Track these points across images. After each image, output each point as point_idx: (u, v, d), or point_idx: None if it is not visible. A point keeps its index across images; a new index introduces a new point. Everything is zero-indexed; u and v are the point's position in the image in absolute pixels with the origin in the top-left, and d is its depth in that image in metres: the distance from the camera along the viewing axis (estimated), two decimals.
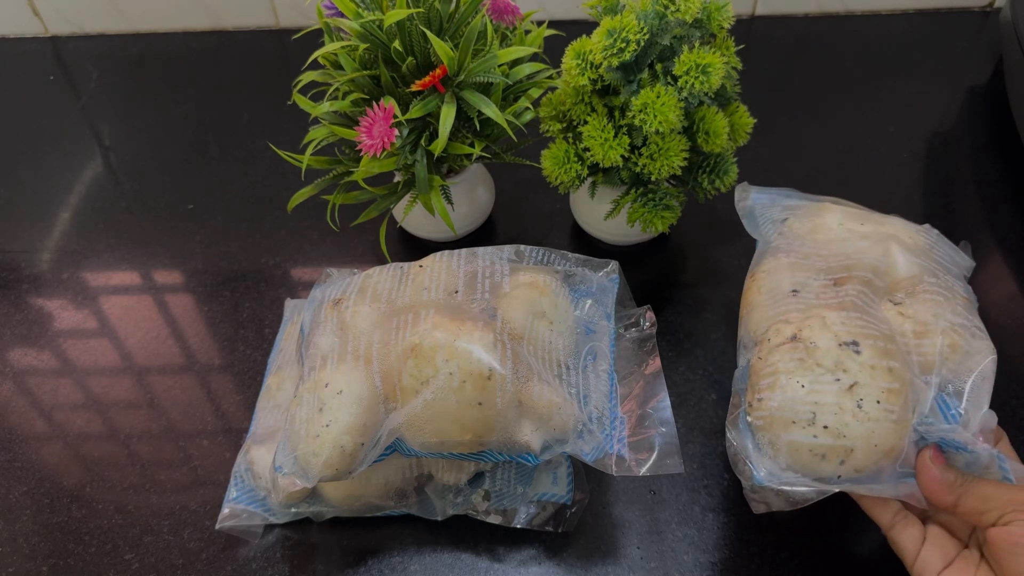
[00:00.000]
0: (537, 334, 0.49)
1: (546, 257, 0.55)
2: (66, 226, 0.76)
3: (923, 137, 0.77)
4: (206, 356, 0.65)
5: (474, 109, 0.55)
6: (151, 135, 0.84)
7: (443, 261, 0.52)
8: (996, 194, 0.71)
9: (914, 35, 0.87)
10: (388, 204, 0.61)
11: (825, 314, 0.46)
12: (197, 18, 0.94)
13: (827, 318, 0.46)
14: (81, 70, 0.92)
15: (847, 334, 0.45)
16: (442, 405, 0.45)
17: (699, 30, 0.54)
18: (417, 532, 0.54)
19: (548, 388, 0.47)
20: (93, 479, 0.58)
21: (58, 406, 0.62)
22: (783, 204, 0.57)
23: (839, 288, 0.49)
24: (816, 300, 0.48)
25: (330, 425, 0.45)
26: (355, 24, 0.54)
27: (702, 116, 0.55)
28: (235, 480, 0.55)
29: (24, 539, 0.55)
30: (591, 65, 0.54)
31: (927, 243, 0.52)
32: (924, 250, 0.51)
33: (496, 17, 0.58)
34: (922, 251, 0.51)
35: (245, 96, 0.87)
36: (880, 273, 0.49)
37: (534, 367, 0.47)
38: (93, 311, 0.69)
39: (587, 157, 0.57)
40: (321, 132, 0.58)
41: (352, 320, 0.49)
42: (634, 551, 0.53)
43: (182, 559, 0.54)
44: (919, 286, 0.48)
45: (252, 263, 0.71)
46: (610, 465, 0.46)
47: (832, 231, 0.53)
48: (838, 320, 0.46)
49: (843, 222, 0.53)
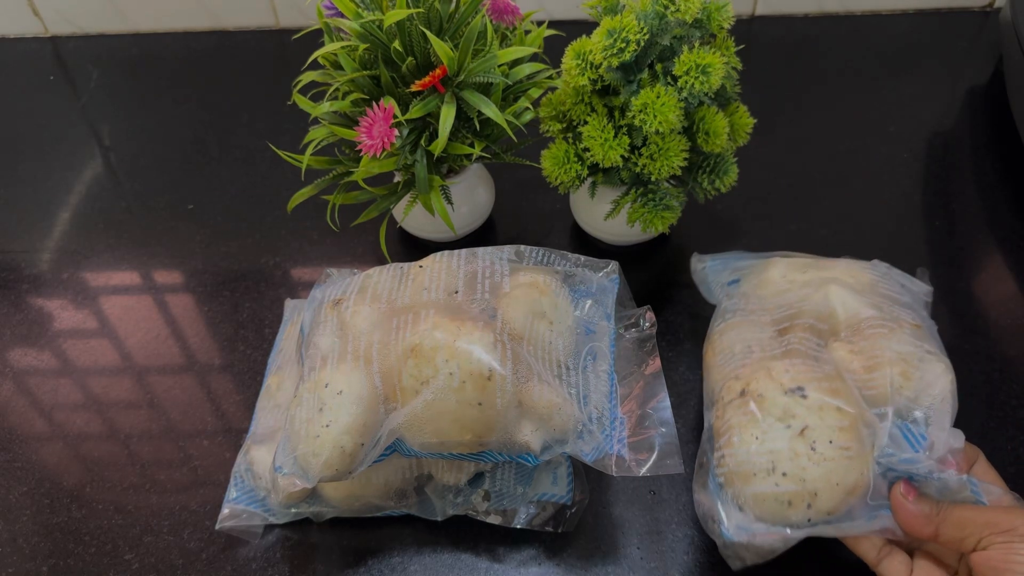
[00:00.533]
0: (537, 334, 0.49)
1: (546, 257, 0.55)
2: (66, 226, 0.76)
3: (923, 137, 0.77)
4: (206, 356, 0.65)
5: (474, 109, 0.55)
6: (151, 135, 0.84)
7: (443, 261, 0.52)
8: (996, 194, 0.71)
9: (914, 35, 0.87)
10: (388, 204, 0.61)
11: (770, 365, 0.48)
12: (197, 18, 0.94)
13: (772, 368, 0.47)
14: (81, 70, 0.92)
15: (792, 381, 0.46)
16: (442, 405, 0.45)
17: (699, 30, 0.54)
18: (417, 532, 0.54)
19: (548, 388, 0.47)
20: (93, 479, 0.58)
21: (58, 406, 0.63)
22: (733, 267, 0.59)
23: (784, 338, 0.50)
24: (763, 353, 0.50)
25: (330, 425, 0.45)
26: (355, 24, 0.54)
27: (702, 116, 0.55)
28: (235, 480, 0.55)
29: (24, 539, 0.55)
30: (591, 65, 0.54)
31: (873, 279, 0.53)
32: (869, 286, 0.52)
33: (496, 17, 0.58)
34: (866, 288, 0.52)
35: (245, 96, 0.87)
36: (823, 317, 0.50)
37: (534, 367, 0.47)
38: (93, 311, 0.69)
39: (587, 157, 0.57)
40: (321, 132, 0.58)
41: (352, 320, 0.49)
42: (634, 551, 0.53)
43: (182, 559, 0.54)
44: (863, 323, 0.49)
45: (252, 263, 0.71)
46: (610, 466, 0.46)
47: (776, 284, 0.54)
48: (782, 369, 0.47)
49: (786, 274, 0.55)
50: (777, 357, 0.49)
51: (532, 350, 0.48)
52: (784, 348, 0.49)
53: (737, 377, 0.49)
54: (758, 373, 0.48)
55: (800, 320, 0.51)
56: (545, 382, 0.47)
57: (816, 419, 0.44)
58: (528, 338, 0.48)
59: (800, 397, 0.45)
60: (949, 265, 0.66)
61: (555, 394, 0.47)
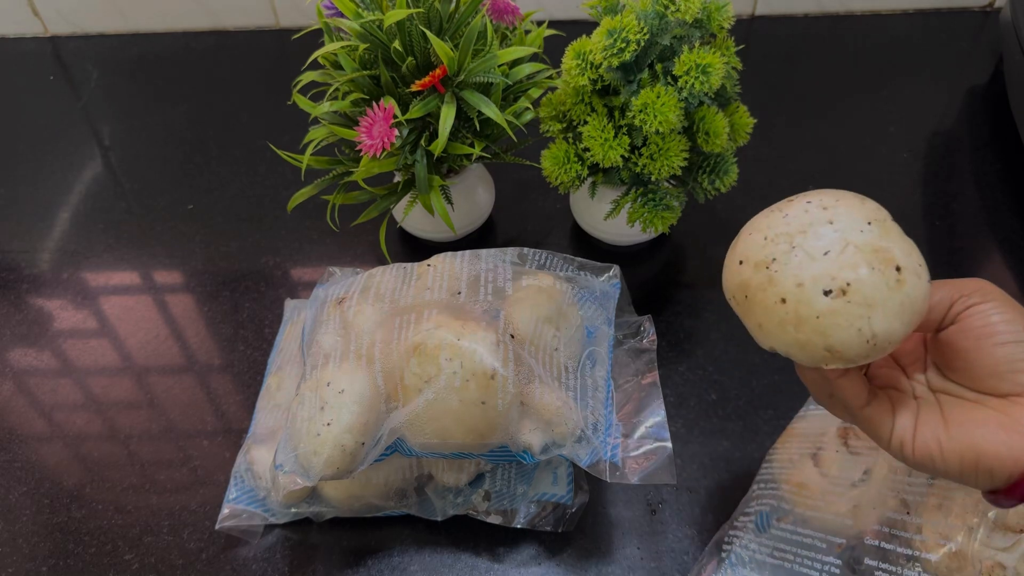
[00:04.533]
0: (541, 337, 0.49)
1: (548, 260, 0.55)
2: (66, 226, 0.76)
3: (923, 137, 0.77)
4: (206, 356, 0.65)
5: (474, 109, 0.54)
6: (151, 135, 0.84)
7: (446, 262, 0.53)
8: (996, 194, 0.71)
9: (914, 35, 0.87)
10: (388, 204, 0.61)
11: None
12: (197, 18, 0.94)
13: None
14: (81, 70, 0.92)
15: None
16: (444, 404, 0.45)
17: (699, 30, 0.54)
18: (417, 532, 0.54)
19: (549, 391, 0.47)
20: (93, 479, 0.58)
21: (58, 406, 0.62)
22: None
23: None
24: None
25: (331, 424, 0.45)
26: (355, 24, 0.54)
27: (702, 116, 0.55)
28: (235, 480, 0.55)
29: (24, 539, 0.55)
30: (591, 65, 0.54)
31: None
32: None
33: (496, 17, 0.58)
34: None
35: (245, 96, 0.87)
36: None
37: (535, 369, 0.47)
38: (93, 311, 0.69)
39: (587, 157, 0.57)
40: (321, 132, 0.58)
41: (355, 319, 0.49)
42: (634, 551, 0.53)
43: (182, 559, 0.54)
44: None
45: (252, 263, 0.71)
46: (604, 471, 0.47)
47: None
48: None
49: None
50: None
51: (534, 351, 0.48)
52: None
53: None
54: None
55: None
56: (546, 384, 0.47)
57: None
58: (531, 340, 0.48)
59: None
60: (949, 265, 0.66)
61: (557, 397, 0.47)
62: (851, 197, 0.38)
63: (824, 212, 0.36)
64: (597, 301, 0.55)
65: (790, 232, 0.36)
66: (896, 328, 0.35)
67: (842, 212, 0.37)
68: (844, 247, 0.35)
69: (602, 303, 0.55)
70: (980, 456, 0.35)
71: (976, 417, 0.36)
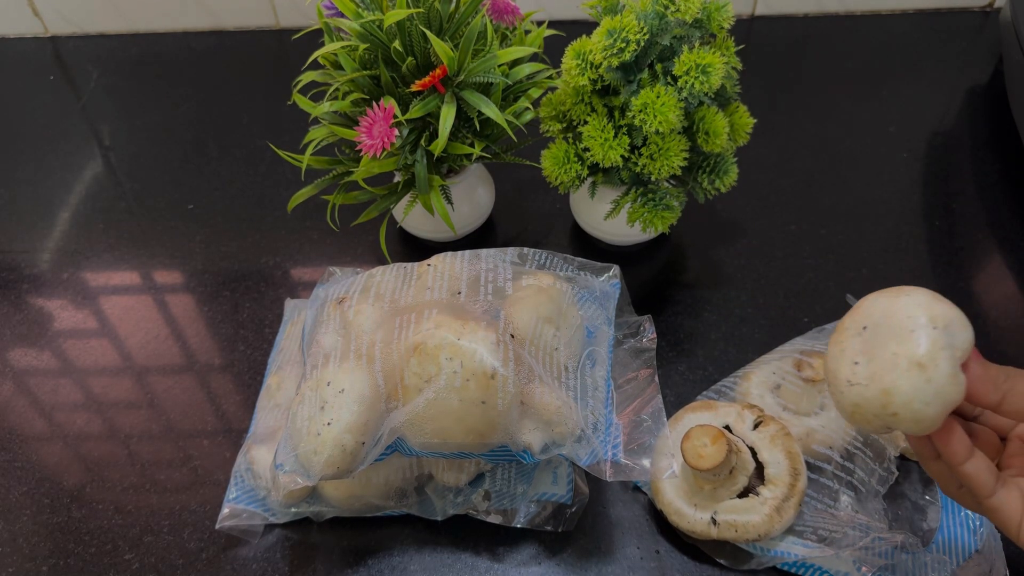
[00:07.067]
0: (541, 337, 0.49)
1: (548, 260, 0.55)
2: (66, 226, 0.76)
3: (923, 137, 0.77)
4: (206, 356, 0.65)
5: (474, 109, 0.55)
6: (151, 135, 0.84)
7: (447, 262, 0.53)
8: (996, 194, 0.71)
9: (914, 35, 0.87)
10: (388, 204, 0.61)
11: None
12: (197, 18, 0.94)
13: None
14: (81, 70, 0.92)
15: None
16: (445, 404, 0.45)
17: (699, 30, 0.54)
18: (417, 532, 0.54)
19: (549, 391, 0.47)
20: (93, 479, 0.58)
21: (58, 406, 0.62)
22: None
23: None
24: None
25: (332, 423, 0.45)
26: (355, 24, 0.54)
27: (702, 116, 0.55)
28: (235, 480, 0.55)
29: (24, 539, 0.55)
30: (591, 65, 0.54)
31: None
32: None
33: (496, 17, 0.58)
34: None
35: (245, 96, 0.87)
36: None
37: (535, 369, 0.47)
38: (93, 311, 0.69)
39: (587, 157, 0.57)
40: (321, 132, 0.58)
41: (355, 319, 0.49)
42: (634, 551, 0.53)
43: (182, 559, 0.54)
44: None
45: (252, 263, 0.71)
46: (604, 471, 0.46)
47: None
48: None
49: None
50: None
51: (534, 351, 0.48)
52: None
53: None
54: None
55: None
56: (547, 384, 0.47)
57: None
58: (531, 340, 0.48)
59: None
60: (949, 265, 0.66)
61: (557, 397, 0.47)
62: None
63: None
64: (597, 301, 0.55)
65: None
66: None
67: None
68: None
69: (602, 303, 0.55)
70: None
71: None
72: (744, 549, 0.50)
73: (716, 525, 0.49)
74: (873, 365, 0.38)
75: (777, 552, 0.49)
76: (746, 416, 0.52)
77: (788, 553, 0.49)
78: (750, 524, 0.48)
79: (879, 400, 0.37)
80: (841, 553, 0.48)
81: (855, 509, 0.50)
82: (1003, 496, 0.38)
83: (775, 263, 0.67)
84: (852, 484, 0.51)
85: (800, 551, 0.49)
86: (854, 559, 0.48)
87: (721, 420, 0.53)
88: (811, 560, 0.49)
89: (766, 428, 0.51)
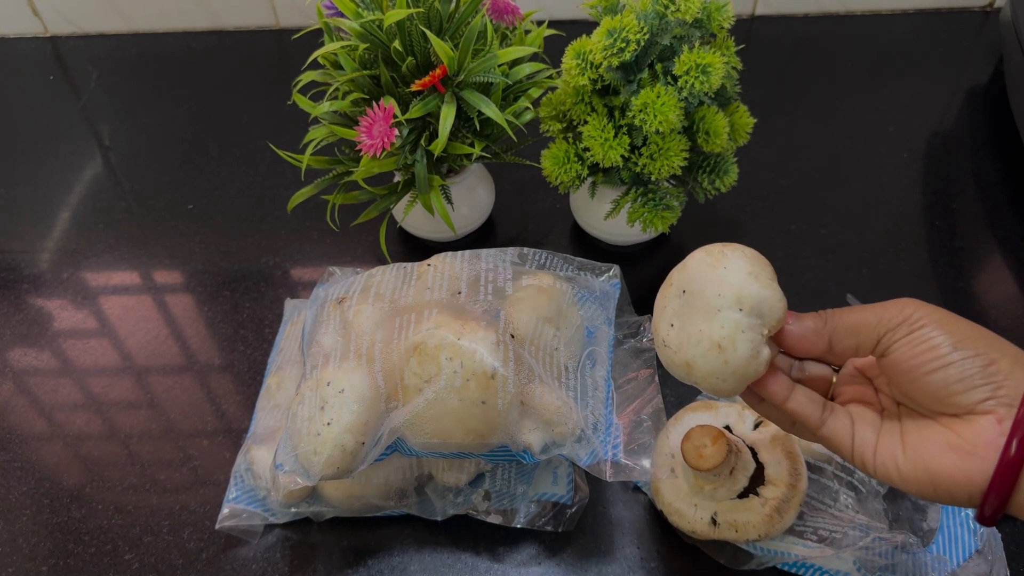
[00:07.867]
0: (541, 337, 0.49)
1: (548, 260, 0.55)
2: (66, 226, 0.76)
3: (923, 137, 0.77)
4: (206, 356, 0.65)
5: (474, 109, 0.54)
6: (151, 135, 0.84)
7: (447, 262, 0.53)
8: (996, 194, 0.71)
9: (914, 35, 0.87)
10: (388, 204, 0.61)
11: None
12: (197, 18, 0.94)
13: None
14: (81, 70, 0.92)
15: None
16: (445, 404, 0.45)
17: (699, 30, 0.54)
18: (417, 532, 0.54)
19: (549, 391, 0.47)
20: (93, 479, 0.58)
21: (58, 406, 0.62)
22: None
23: None
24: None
25: (331, 423, 0.45)
26: (355, 24, 0.54)
27: (702, 116, 0.55)
28: (235, 480, 0.55)
29: (24, 539, 0.55)
30: (591, 65, 0.54)
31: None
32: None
33: (496, 17, 0.58)
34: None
35: (245, 96, 0.87)
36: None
37: (536, 369, 0.47)
38: (93, 311, 0.69)
39: (587, 157, 0.57)
40: (321, 132, 0.58)
41: (355, 319, 0.49)
42: (634, 551, 0.53)
43: (182, 559, 0.54)
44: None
45: (252, 263, 0.71)
46: (604, 471, 0.46)
47: None
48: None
49: None
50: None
51: (534, 351, 0.48)
52: None
53: None
54: None
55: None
56: (547, 384, 0.47)
57: None
58: (531, 340, 0.48)
59: None
60: (949, 265, 0.66)
61: (557, 397, 0.47)
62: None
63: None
64: (597, 301, 0.55)
65: None
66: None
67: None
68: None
69: (602, 303, 0.55)
70: (934, 478, 0.35)
71: (928, 436, 0.36)
72: (744, 549, 0.50)
73: (716, 525, 0.49)
74: (682, 334, 0.39)
75: (777, 552, 0.49)
76: (746, 416, 0.52)
77: (788, 553, 0.49)
78: (750, 524, 0.48)
79: (683, 369, 0.40)
80: (841, 553, 0.48)
81: (855, 509, 0.50)
82: (832, 425, 0.39)
83: (775, 263, 0.66)
84: (852, 484, 0.51)
85: (800, 551, 0.49)
86: (854, 559, 0.48)
87: (721, 420, 0.53)
88: (811, 560, 0.49)
89: (766, 428, 0.51)
